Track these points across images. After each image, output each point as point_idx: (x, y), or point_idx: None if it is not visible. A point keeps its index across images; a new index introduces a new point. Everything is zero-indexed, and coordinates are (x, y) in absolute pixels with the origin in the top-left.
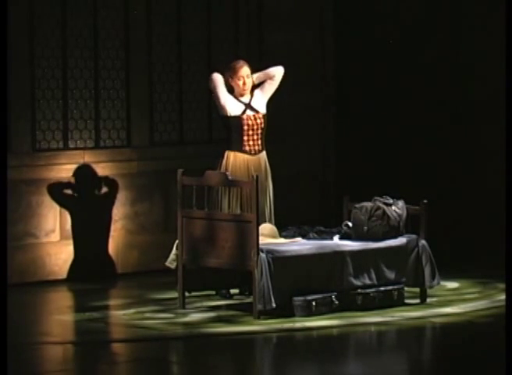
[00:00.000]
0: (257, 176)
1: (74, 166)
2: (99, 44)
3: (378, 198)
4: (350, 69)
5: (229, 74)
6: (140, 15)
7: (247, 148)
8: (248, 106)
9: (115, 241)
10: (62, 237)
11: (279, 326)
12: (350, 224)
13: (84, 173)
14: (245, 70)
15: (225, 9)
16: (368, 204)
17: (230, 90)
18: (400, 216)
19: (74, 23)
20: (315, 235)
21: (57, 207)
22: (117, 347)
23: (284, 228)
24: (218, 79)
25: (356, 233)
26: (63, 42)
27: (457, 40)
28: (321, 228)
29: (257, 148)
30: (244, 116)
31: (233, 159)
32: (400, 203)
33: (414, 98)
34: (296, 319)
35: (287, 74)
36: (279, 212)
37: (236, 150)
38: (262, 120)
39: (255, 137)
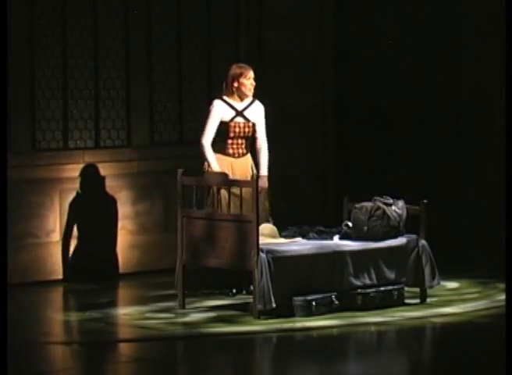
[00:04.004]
0: (257, 176)
1: (74, 166)
2: (99, 44)
3: (378, 198)
4: (349, 69)
5: (236, 75)
6: (140, 15)
7: (231, 150)
8: (239, 113)
9: (116, 240)
10: (63, 236)
11: (279, 326)
12: (350, 224)
13: (84, 173)
14: (252, 73)
15: (225, 9)
16: (368, 204)
17: (230, 93)
18: (399, 215)
19: (74, 23)
20: (315, 235)
21: (57, 207)
22: (117, 347)
23: (284, 228)
24: (217, 108)
25: (356, 233)
26: (63, 42)
27: (458, 39)
28: (321, 228)
29: (240, 151)
30: (232, 124)
31: (218, 162)
32: (400, 203)
33: (414, 98)
34: (297, 319)
35: (287, 74)
36: (279, 212)
37: (219, 152)
38: (251, 129)
39: (240, 141)
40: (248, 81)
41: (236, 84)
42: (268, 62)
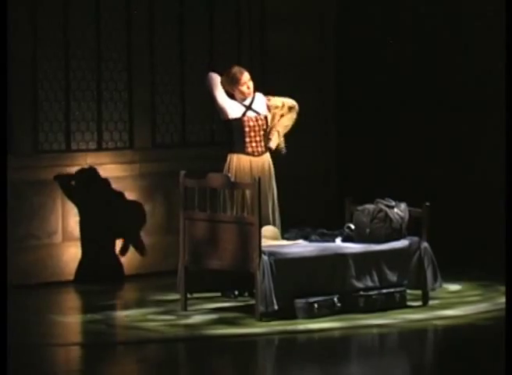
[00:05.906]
0: (259, 178)
1: (76, 168)
2: (101, 46)
3: (380, 200)
4: (350, 69)
5: (232, 84)
6: (142, 16)
7: (250, 149)
8: (249, 108)
9: (117, 242)
10: (65, 238)
11: (281, 328)
12: (353, 226)
13: (86, 175)
14: (246, 76)
15: (227, 10)
16: (371, 206)
17: (232, 96)
18: (402, 218)
19: (76, 24)
20: (317, 237)
21: (59, 209)
22: (119, 349)
23: (286, 230)
24: (214, 80)
25: (358, 235)
26: (65, 43)
27: (458, 39)
28: (324, 230)
29: (260, 149)
30: (245, 118)
31: (237, 161)
32: (403, 205)
33: (415, 99)
34: (299, 321)
35: (288, 75)
36: (281, 214)
37: (239, 152)
38: (264, 122)
39: (257, 138)
40: (244, 87)
41: (233, 92)
42: (269, 63)
